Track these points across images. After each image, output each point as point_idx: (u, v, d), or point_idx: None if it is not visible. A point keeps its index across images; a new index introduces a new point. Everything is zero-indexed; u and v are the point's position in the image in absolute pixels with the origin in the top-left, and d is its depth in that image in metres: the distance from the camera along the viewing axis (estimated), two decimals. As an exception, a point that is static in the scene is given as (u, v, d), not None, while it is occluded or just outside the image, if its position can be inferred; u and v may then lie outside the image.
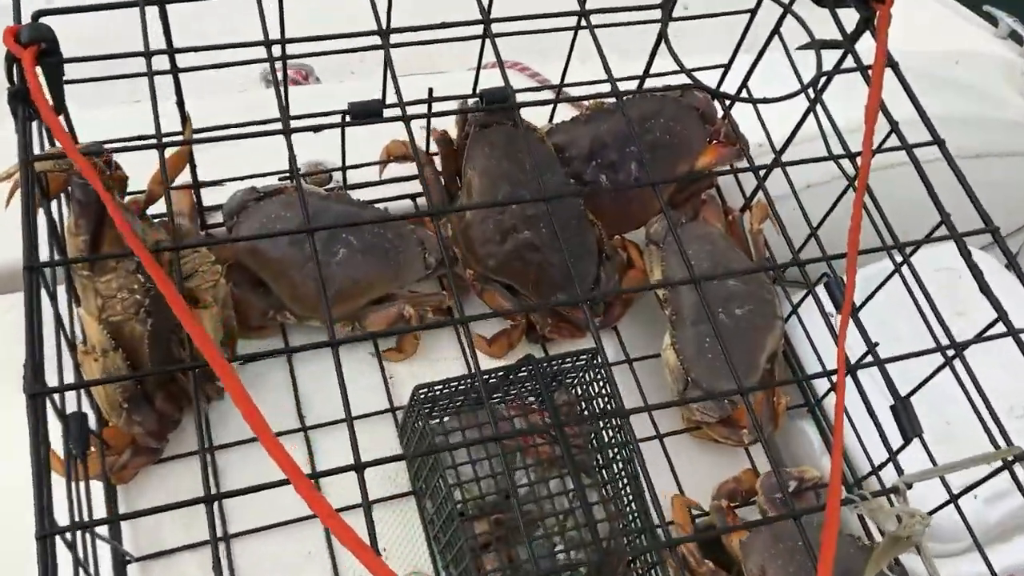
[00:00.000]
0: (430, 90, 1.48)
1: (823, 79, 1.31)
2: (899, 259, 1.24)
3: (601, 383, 1.35)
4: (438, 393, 1.30)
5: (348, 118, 1.36)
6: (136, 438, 1.29)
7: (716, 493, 1.43)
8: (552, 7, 1.38)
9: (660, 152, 1.57)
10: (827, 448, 1.55)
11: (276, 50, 1.22)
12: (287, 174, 1.55)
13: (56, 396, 1.04)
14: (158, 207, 1.41)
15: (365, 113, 1.37)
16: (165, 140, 1.40)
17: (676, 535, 1.36)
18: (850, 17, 1.31)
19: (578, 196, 1.55)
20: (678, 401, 1.49)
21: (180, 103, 1.32)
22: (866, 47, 1.26)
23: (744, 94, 1.55)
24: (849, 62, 1.29)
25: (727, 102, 1.45)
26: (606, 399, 1.35)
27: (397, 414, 1.45)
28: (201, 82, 1.39)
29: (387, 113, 1.36)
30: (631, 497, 1.32)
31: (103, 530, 1.23)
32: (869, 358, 1.13)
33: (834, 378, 1.06)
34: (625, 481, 1.34)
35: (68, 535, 0.90)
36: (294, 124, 1.56)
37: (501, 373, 1.32)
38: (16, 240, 0.96)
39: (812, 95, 1.32)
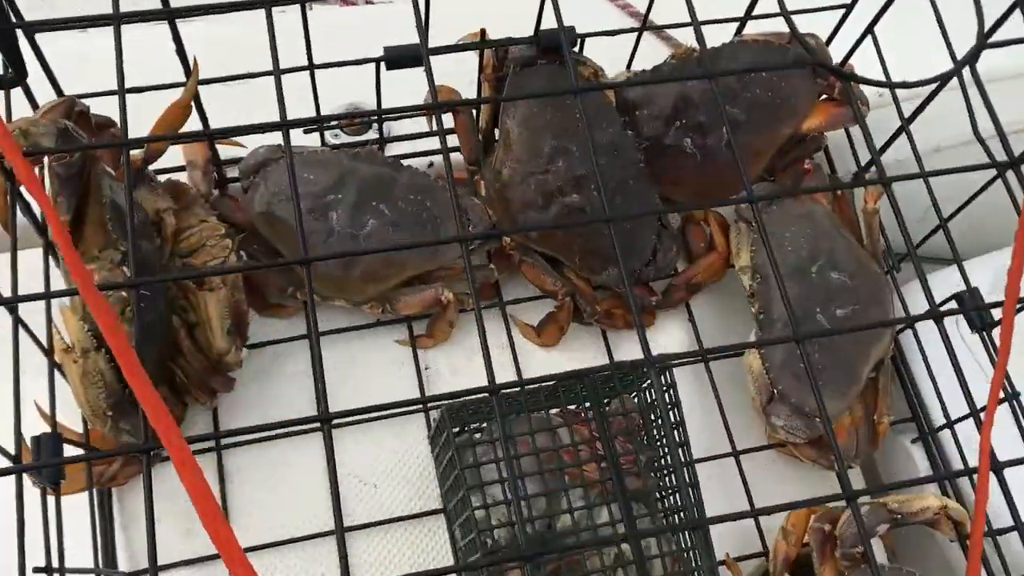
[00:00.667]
0: (482, 31, 1.23)
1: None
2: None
3: (666, 404, 1.13)
4: (470, 413, 1.10)
5: (383, 65, 1.14)
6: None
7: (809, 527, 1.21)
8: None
9: (758, 112, 1.30)
10: (931, 467, 1.30)
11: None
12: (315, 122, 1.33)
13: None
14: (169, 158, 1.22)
15: (402, 60, 1.14)
16: (166, 82, 1.22)
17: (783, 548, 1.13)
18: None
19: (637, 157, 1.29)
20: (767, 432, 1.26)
21: (178, 46, 1.09)
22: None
23: (869, 46, 1.25)
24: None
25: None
26: (670, 416, 1.13)
27: (431, 414, 1.26)
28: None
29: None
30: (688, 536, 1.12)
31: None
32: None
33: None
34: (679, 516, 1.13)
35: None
36: (325, 58, 1.35)
37: (546, 386, 1.11)
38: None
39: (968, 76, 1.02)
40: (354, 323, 1.31)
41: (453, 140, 1.34)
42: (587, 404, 1.13)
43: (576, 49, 1.29)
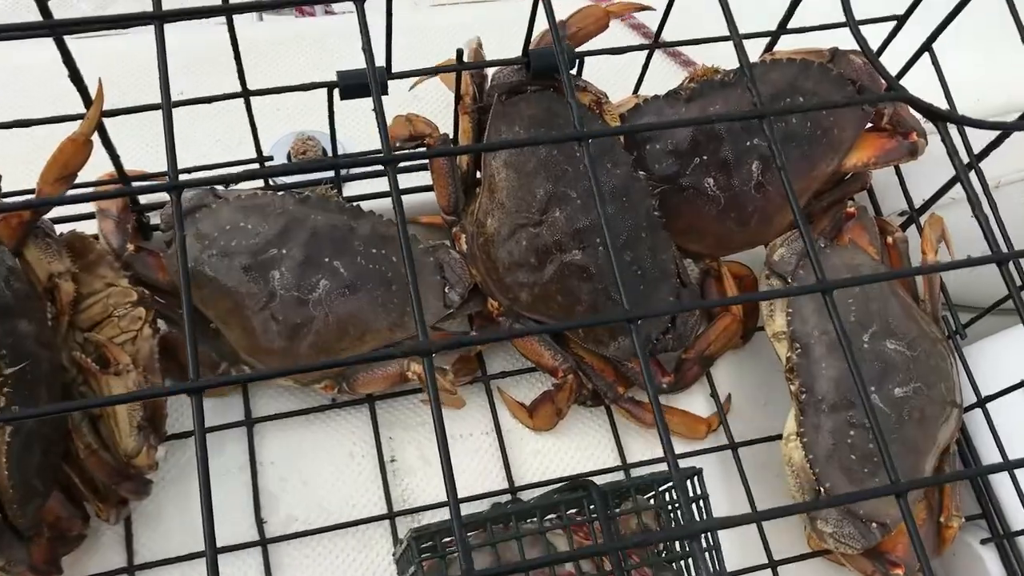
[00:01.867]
0: (459, 52, 1.00)
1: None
2: None
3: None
4: (437, 540, 0.85)
5: (337, 93, 0.92)
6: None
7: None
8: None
9: (796, 146, 1.07)
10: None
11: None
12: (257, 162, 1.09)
13: None
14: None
15: (360, 87, 0.92)
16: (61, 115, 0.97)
17: None
18: None
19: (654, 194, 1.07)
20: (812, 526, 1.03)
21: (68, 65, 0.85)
22: None
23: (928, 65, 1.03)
24: None
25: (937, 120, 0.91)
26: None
27: (398, 523, 1.01)
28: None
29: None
30: None
31: None
32: None
33: None
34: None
35: None
36: (270, 83, 1.11)
37: (548, 495, 0.87)
38: None
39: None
40: (303, 405, 1.07)
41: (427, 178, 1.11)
42: (593, 513, 0.90)
43: (574, 71, 1.06)
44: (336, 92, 0.93)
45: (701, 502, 0.89)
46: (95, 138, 0.88)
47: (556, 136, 0.88)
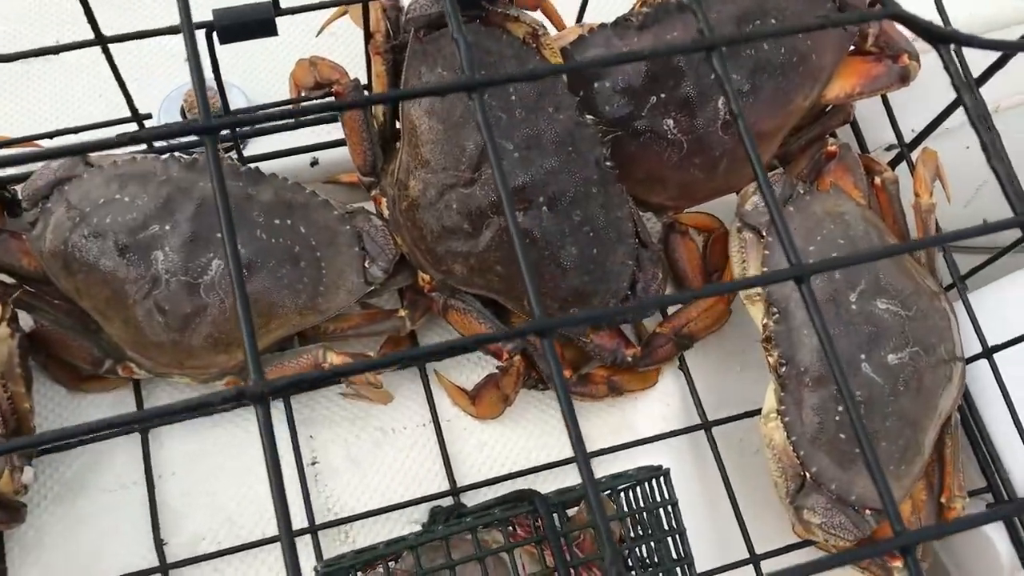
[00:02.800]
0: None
1: None
2: None
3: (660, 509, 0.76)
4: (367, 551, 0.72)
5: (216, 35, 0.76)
6: None
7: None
8: None
9: (769, 77, 0.92)
10: (1016, 550, 0.96)
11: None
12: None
13: None
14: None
15: (244, 28, 0.76)
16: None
17: None
18: None
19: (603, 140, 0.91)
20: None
21: None
22: None
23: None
24: None
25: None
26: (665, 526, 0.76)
27: (322, 537, 0.87)
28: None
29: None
30: None
31: None
32: None
33: None
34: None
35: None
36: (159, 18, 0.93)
37: (488, 510, 0.73)
38: None
39: None
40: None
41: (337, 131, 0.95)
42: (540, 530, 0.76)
43: (505, -3, 0.90)
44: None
45: (670, 508, 0.75)
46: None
47: (449, 84, 0.72)
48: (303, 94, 0.95)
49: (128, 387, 0.92)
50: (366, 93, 0.94)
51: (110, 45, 0.80)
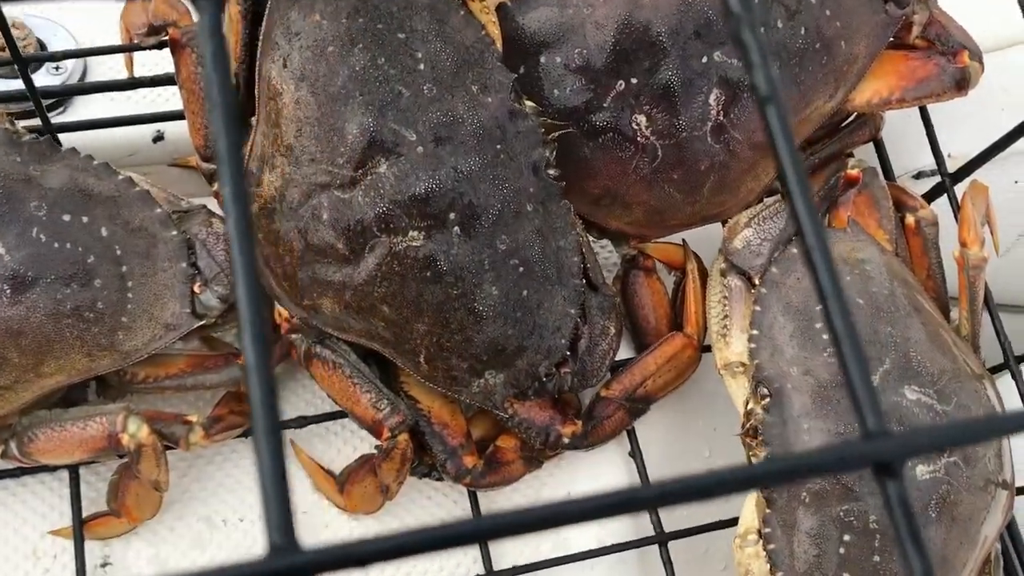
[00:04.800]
0: None
1: None
2: None
3: None
4: None
5: None
6: None
7: None
8: None
9: (782, 65, 0.66)
10: None
11: None
12: None
13: None
14: None
15: None
16: None
17: None
18: None
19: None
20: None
21: None
22: None
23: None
24: None
25: None
26: None
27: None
28: None
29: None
30: None
31: None
32: None
33: None
34: None
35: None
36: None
37: None
38: None
39: None
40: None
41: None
42: None
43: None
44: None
45: None
46: None
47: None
48: (135, 41, 0.68)
49: None
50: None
51: None
